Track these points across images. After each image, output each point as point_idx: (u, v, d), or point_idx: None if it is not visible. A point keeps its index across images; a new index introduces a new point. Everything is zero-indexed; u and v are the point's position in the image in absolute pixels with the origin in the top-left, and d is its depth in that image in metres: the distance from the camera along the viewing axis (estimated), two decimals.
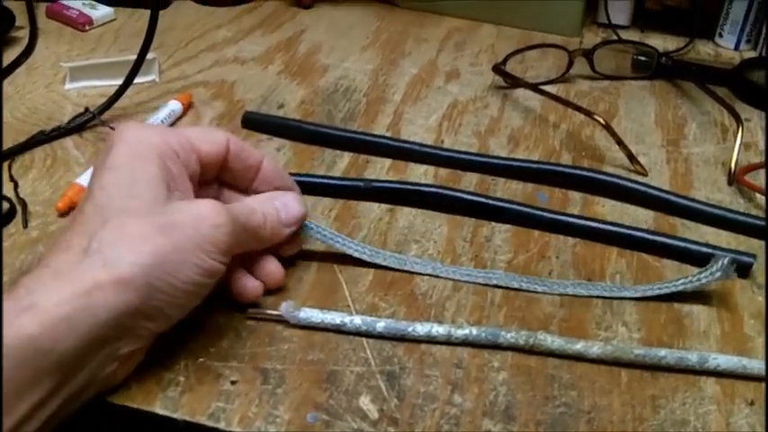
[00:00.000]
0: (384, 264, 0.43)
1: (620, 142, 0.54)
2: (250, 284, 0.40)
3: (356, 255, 0.43)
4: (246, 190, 0.42)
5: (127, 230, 0.33)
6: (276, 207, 0.40)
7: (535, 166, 0.52)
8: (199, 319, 0.39)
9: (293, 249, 0.43)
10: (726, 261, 0.41)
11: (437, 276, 0.43)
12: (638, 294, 0.42)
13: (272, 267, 0.41)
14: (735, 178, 0.52)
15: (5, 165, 0.51)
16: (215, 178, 0.41)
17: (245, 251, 0.39)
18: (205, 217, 0.35)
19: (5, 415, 0.29)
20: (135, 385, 0.36)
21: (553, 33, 0.72)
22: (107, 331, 0.32)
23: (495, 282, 0.43)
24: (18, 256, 0.43)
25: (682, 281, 0.42)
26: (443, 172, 0.53)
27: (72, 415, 0.33)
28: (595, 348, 0.38)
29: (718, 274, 0.41)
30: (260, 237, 0.39)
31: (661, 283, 0.42)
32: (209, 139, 0.39)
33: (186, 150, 0.38)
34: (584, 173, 0.51)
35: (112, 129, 0.54)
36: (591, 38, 0.73)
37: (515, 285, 0.43)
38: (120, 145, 0.36)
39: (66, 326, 0.30)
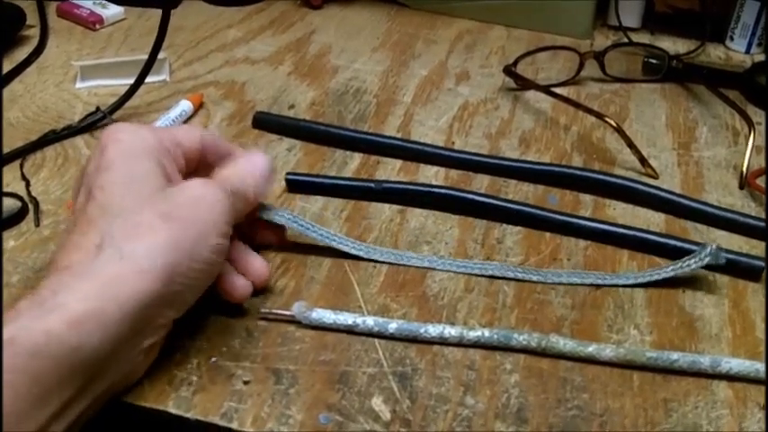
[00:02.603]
0: (349, 251, 0.44)
1: (631, 145, 0.54)
2: (239, 283, 0.39)
3: (327, 242, 0.43)
4: None
5: (135, 224, 0.34)
6: (245, 167, 0.40)
7: (546, 168, 0.52)
8: (211, 318, 0.40)
9: (275, 238, 0.44)
10: (714, 247, 0.42)
11: (405, 266, 0.44)
12: (630, 281, 0.43)
13: (257, 264, 0.41)
14: (746, 182, 0.52)
15: (17, 163, 0.51)
16: (192, 173, 0.41)
17: (239, 219, 0.39)
18: (203, 195, 0.36)
19: (37, 412, 0.29)
20: (147, 384, 0.36)
21: (563, 35, 0.72)
22: (133, 323, 0.32)
23: (490, 272, 0.43)
24: (30, 254, 0.43)
25: (672, 267, 0.43)
26: (454, 173, 0.53)
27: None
28: (608, 351, 0.38)
29: (707, 259, 0.42)
30: (246, 197, 0.39)
31: (652, 270, 0.43)
32: (188, 135, 0.40)
33: (175, 146, 0.39)
34: (596, 175, 0.51)
35: None
36: (601, 40, 0.73)
37: (510, 275, 0.43)
38: (114, 145, 0.37)
39: (93, 321, 0.31)
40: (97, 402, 0.33)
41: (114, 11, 0.72)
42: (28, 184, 0.49)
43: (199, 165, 0.41)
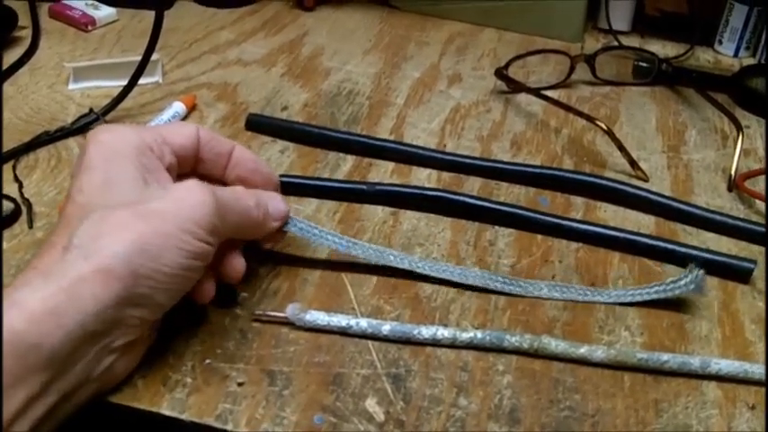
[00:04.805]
0: (362, 255, 0.43)
1: (621, 148, 0.54)
2: (205, 287, 0.38)
3: (333, 246, 0.43)
4: (222, 177, 0.42)
5: (106, 222, 0.34)
6: (265, 199, 0.40)
7: (537, 170, 0.53)
8: (205, 320, 0.40)
9: (274, 240, 0.44)
10: (701, 274, 0.41)
11: (414, 272, 0.43)
12: (610, 300, 0.43)
13: (234, 261, 0.40)
14: (734, 184, 0.53)
15: (10, 165, 0.51)
16: (191, 171, 0.41)
17: (235, 237, 0.39)
18: (185, 197, 0.35)
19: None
20: (142, 386, 0.36)
21: (554, 38, 0.73)
22: (96, 323, 0.32)
23: (470, 281, 0.43)
24: (23, 256, 0.43)
25: (655, 289, 0.42)
26: (446, 176, 0.53)
27: (78, 415, 0.34)
28: (599, 352, 0.39)
29: (692, 286, 0.41)
30: (252, 220, 0.39)
31: (635, 290, 0.43)
32: (180, 131, 0.40)
33: (159, 144, 0.39)
34: (586, 178, 0.52)
35: None
36: (592, 43, 0.73)
37: (490, 286, 0.43)
38: (94, 146, 0.37)
39: (53, 320, 0.31)
40: (72, 401, 0.33)
41: (106, 12, 0.71)
42: (21, 186, 0.49)
43: (197, 162, 0.41)
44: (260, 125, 0.57)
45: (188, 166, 0.41)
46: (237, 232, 0.39)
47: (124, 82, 0.56)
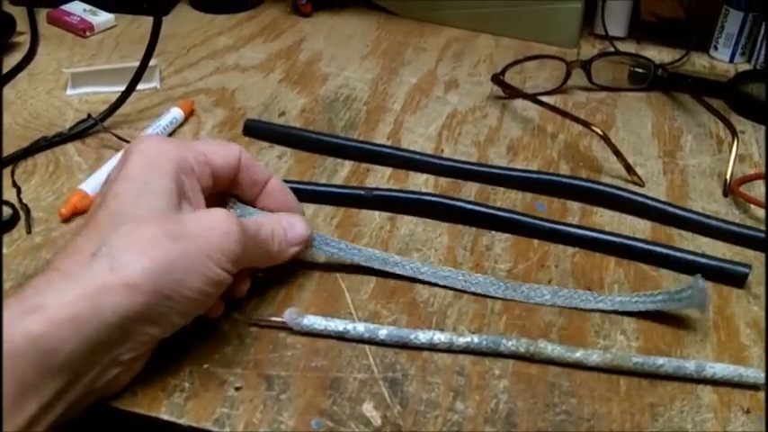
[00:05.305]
0: (365, 263, 0.43)
1: (617, 153, 0.54)
2: (216, 306, 0.39)
3: (338, 255, 0.43)
4: (253, 203, 0.42)
5: (137, 236, 0.34)
6: (283, 225, 0.41)
7: (534, 176, 0.53)
8: (203, 325, 0.40)
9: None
10: (704, 287, 0.40)
11: (417, 280, 0.43)
12: (614, 308, 0.42)
13: (242, 284, 0.40)
14: (730, 189, 0.53)
15: (8, 170, 0.51)
16: (224, 191, 0.42)
17: (252, 266, 0.40)
18: (215, 226, 0.36)
19: (14, 414, 0.30)
20: (140, 391, 0.36)
21: (551, 44, 0.73)
22: (112, 334, 0.32)
23: (472, 289, 0.43)
24: (21, 261, 0.44)
25: (660, 298, 0.42)
26: (443, 181, 0.53)
27: (76, 419, 0.34)
28: (595, 356, 0.39)
29: (696, 300, 0.41)
30: (268, 252, 0.40)
31: (638, 296, 0.42)
32: (223, 152, 0.40)
33: (201, 164, 0.39)
34: (583, 183, 0.52)
35: (115, 135, 0.54)
36: (588, 49, 0.73)
37: (492, 293, 0.43)
38: (137, 156, 0.37)
39: (72, 327, 0.31)
40: (75, 408, 0.33)
41: (105, 18, 0.72)
42: (19, 191, 0.49)
43: (232, 184, 0.41)
44: (257, 131, 0.57)
45: (223, 187, 0.41)
46: (255, 262, 0.40)
47: (122, 88, 0.56)
